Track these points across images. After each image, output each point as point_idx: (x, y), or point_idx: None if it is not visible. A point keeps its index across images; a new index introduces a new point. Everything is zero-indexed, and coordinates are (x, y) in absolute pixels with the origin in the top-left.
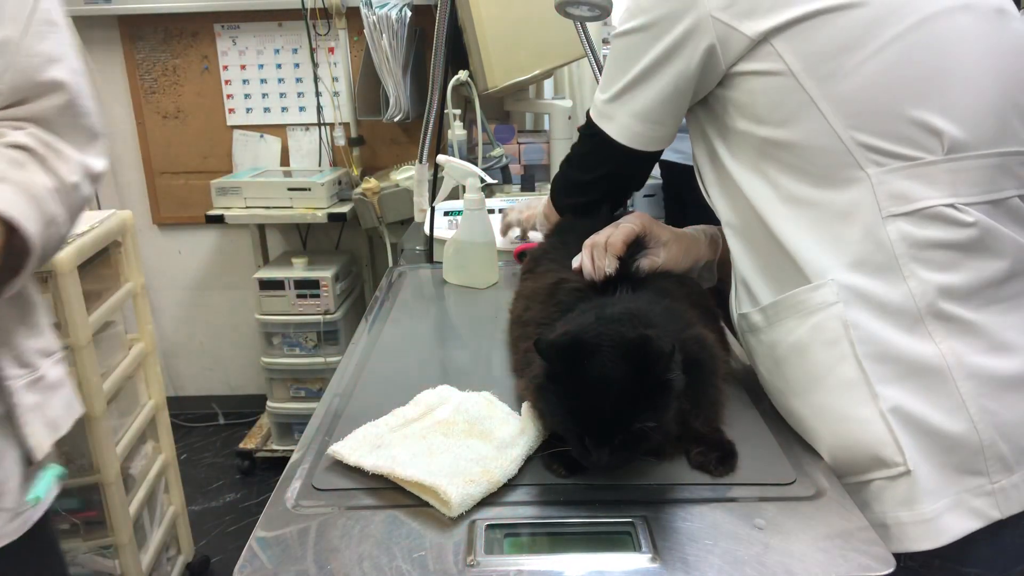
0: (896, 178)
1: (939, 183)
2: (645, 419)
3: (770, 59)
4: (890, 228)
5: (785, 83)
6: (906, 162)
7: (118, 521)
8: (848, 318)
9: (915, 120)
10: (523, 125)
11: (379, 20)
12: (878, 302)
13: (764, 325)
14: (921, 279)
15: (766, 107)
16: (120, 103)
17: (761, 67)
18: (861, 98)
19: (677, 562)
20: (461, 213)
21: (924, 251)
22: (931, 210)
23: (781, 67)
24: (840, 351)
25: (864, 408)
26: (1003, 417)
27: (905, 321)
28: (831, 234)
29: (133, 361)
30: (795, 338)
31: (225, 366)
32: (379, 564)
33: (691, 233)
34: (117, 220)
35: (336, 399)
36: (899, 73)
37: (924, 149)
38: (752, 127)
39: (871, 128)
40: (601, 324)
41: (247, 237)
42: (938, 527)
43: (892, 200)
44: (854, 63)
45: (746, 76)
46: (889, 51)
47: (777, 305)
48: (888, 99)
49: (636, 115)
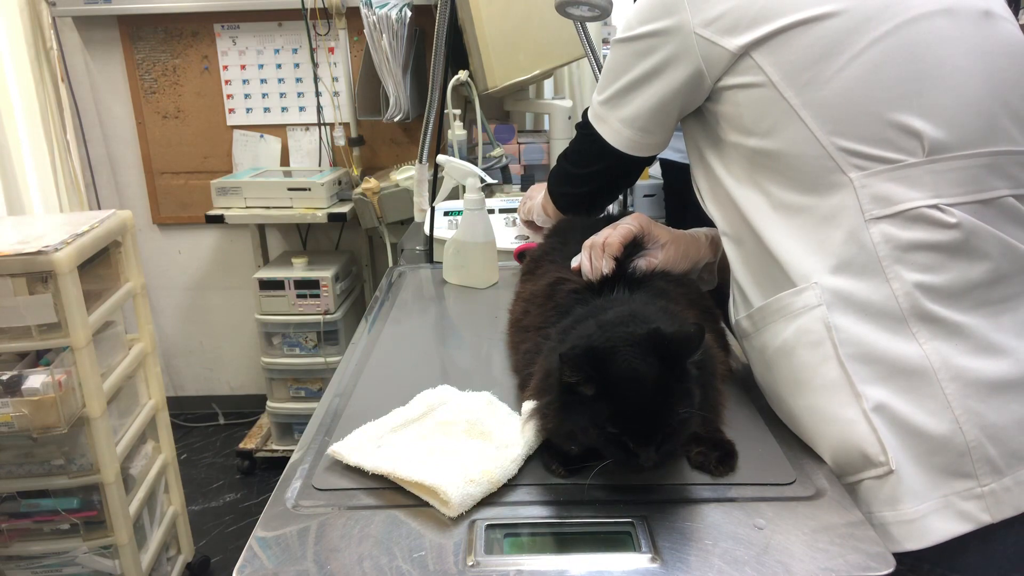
0: (878, 181)
1: (921, 184)
2: (684, 407)
3: (751, 72)
4: (873, 230)
5: (767, 94)
6: (887, 165)
7: (118, 521)
8: (831, 320)
9: (894, 123)
10: (523, 125)
11: (379, 20)
12: (861, 304)
13: (753, 330)
14: (904, 280)
15: (751, 118)
16: (120, 103)
17: (744, 80)
18: (840, 104)
19: (677, 562)
20: (461, 213)
21: (907, 253)
22: (914, 211)
23: (762, 79)
24: (823, 352)
25: (849, 408)
26: (990, 419)
27: (889, 322)
28: (816, 238)
29: (133, 361)
30: (781, 341)
31: (225, 366)
32: (379, 564)
33: (691, 234)
34: (117, 220)
35: (336, 399)
36: (877, 77)
37: (905, 151)
38: (741, 138)
39: (851, 133)
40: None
41: (247, 237)
42: (923, 528)
43: (875, 203)
44: (832, 70)
45: (732, 90)
46: (866, 56)
47: (764, 310)
48: (866, 103)
49: (625, 121)
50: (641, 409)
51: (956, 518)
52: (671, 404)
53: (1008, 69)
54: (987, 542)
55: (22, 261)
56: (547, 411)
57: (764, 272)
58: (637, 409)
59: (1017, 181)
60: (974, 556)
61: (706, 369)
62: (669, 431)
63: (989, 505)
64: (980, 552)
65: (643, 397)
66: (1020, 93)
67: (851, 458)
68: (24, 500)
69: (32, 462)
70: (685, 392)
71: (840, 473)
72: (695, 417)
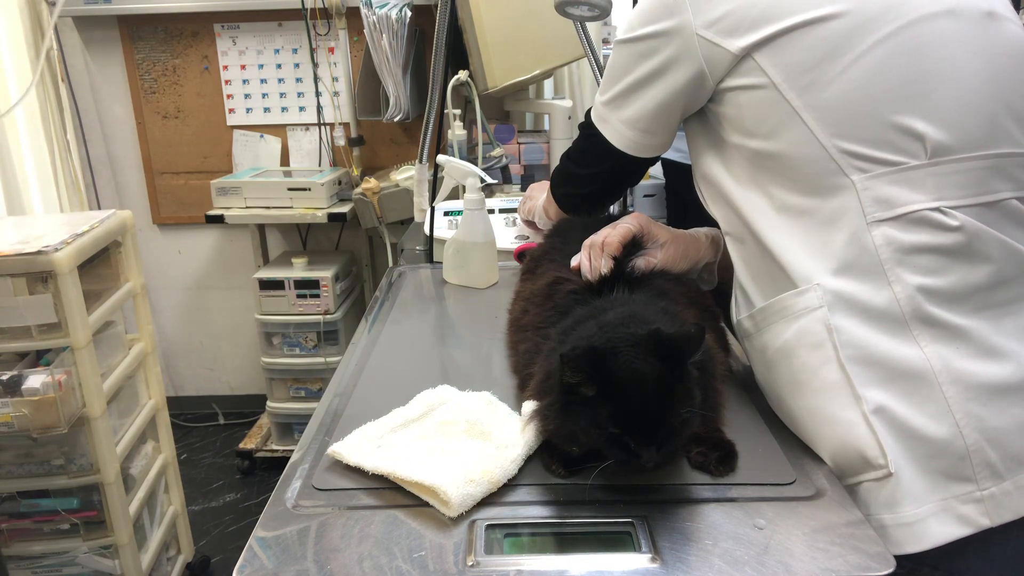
0: (880, 183)
1: (924, 187)
2: (685, 407)
3: (753, 73)
4: (875, 233)
5: (769, 96)
6: (889, 167)
7: (118, 521)
8: (832, 322)
9: (896, 125)
10: (523, 125)
11: (379, 20)
12: (862, 306)
13: (754, 330)
14: (906, 283)
15: (753, 120)
16: (120, 103)
17: (746, 82)
18: (841, 106)
19: (677, 562)
20: (461, 213)
21: (909, 255)
22: (916, 214)
23: (764, 80)
24: (824, 354)
25: (849, 411)
26: (991, 423)
27: (890, 325)
28: (819, 240)
29: (133, 361)
30: (782, 342)
31: (225, 366)
32: (379, 564)
33: (691, 234)
34: (117, 220)
35: (336, 399)
36: (879, 79)
37: (907, 154)
38: (743, 140)
39: (853, 135)
40: (610, 329)
41: (247, 237)
42: (921, 531)
43: (877, 205)
44: (834, 72)
45: (734, 91)
46: (868, 58)
47: (765, 310)
48: (868, 106)
49: (628, 123)
50: (642, 409)
51: (955, 521)
52: (672, 404)
53: (1012, 70)
54: (987, 546)
55: (22, 261)
56: (548, 412)
57: (766, 273)
58: (638, 409)
59: (1020, 183)
60: (974, 559)
61: (706, 369)
62: (670, 431)
63: (988, 509)
64: (980, 555)
65: (644, 397)
66: (1023, 94)
67: (850, 460)
68: (24, 500)
69: (32, 462)
70: (686, 392)
71: (840, 475)
72: (696, 417)
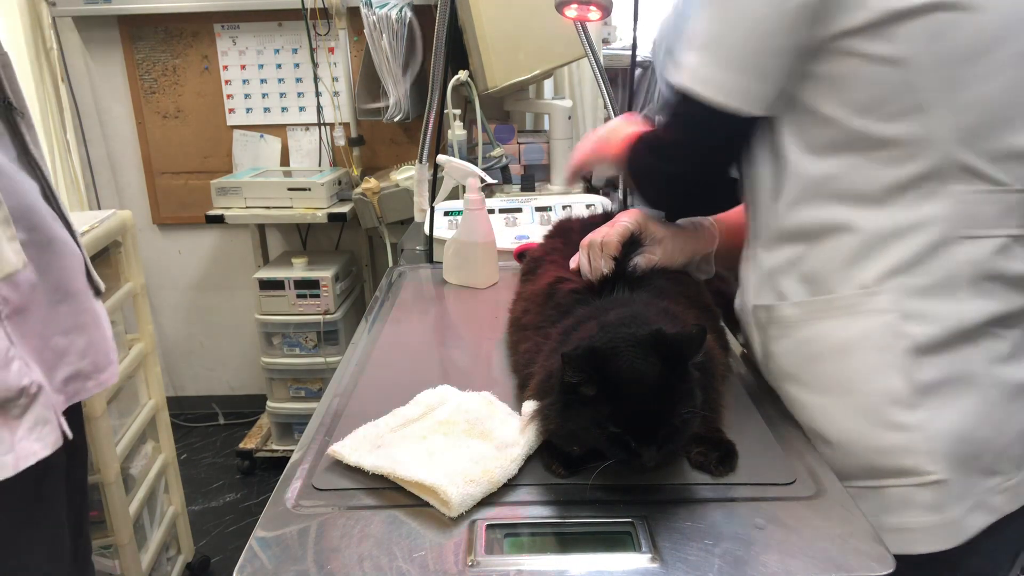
0: (978, 201)
1: (1016, 214)
2: (685, 407)
3: (895, 43)
4: (958, 249)
5: (903, 76)
6: (993, 186)
7: (118, 521)
8: (902, 327)
9: (1014, 147)
10: (523, 125)
11: (379, 20)
12: (932, 316)
13: (798, 320)
14: (978, 303)
15: (875, 98)
16: (120, 103)
17: (880, 51)
18: (972, 112)
19: (677, 562)
20: (461, 213)
21: (985, 280)
22: (1003, 239)
23: (905, 56)
24: (887, 359)
25: (904, 416)
26: (1020, 417)
27: (955, 339)
28: (897, 243)
29: (133, 361)
30: (838, 339)
31: (225, 366)
32: (379, 564)
33: (686, 226)
34: (117, 220)
35: (336, 399)
36: (1010, 97)
37: (1014, 176)
38: (845, 114)
39: (971, 145)
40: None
41: (247, 237)
42: (960, 527)
43: (967, 221)
44: (974, 74)
45: (855, 57)
46: (1008, 71)
47: (825, 303)
48: (994, 120)
49: (738, 66)
50: (643, 408)
51: (986, 512)
52: (673, 404)
53: None
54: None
55: None
56: (549, 412)
57: (823, 263)
58: (639, 408)
59: None
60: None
61: (707, 370)
62: (671, 431)
63: (1012, 497)
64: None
65: (645, 397)
66: None
67: (882, 465)
68: None
69: None
70: (687, 392)
71: (854, 476)
72: (697, 417)
